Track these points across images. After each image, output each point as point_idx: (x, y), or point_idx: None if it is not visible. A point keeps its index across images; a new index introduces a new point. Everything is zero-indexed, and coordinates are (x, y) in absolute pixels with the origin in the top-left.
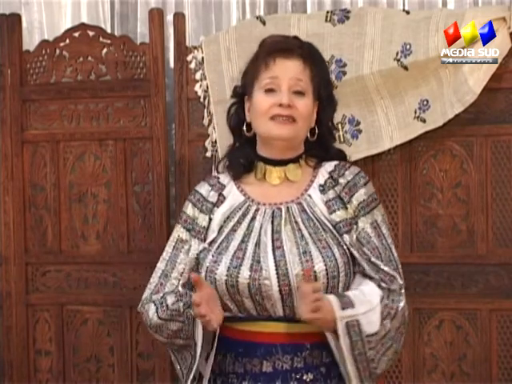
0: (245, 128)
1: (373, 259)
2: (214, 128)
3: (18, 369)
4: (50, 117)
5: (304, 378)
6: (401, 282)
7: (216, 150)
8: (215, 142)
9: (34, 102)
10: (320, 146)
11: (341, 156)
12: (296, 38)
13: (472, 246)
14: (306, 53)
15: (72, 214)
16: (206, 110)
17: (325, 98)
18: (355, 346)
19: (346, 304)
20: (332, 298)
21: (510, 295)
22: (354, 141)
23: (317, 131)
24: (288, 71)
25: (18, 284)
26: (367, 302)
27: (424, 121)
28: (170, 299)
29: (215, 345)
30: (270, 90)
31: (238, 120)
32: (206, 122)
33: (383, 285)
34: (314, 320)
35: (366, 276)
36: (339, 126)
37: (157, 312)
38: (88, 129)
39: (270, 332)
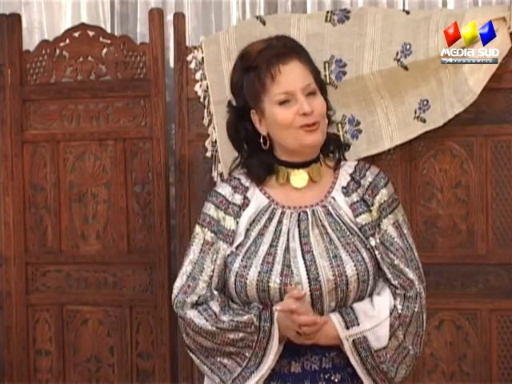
0: (262, 141)
1: (396, 261)
2: (213, 128)
3: (18, 369)
4: (49, 117)
5: (332, 378)
6: (417, 289)
7: (216, 150)
8: (215, 141)
9: (33, 102)
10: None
11: (340, 143)
12: (277, 38)
13: (472, 246)
14: (293, 48)
15: (72, 214)
16: (206, 110)
17: (320, 85)
18: (366, 361)
19: (351, 322)
20: (334, 317)
21: (510, 295)
22: (354, 141)
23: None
24: (296, 80)
25: (18, 284)
26: (375, 317)
27: (424, 121)
28: (227, 308)
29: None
30: (284, 102)
31: (245, 134)
32: (205, 121)
33: (399, 291)
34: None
35: (386, 281)
36: (339, 125)
37: (208, 320)
38: (88, 129)
39: None
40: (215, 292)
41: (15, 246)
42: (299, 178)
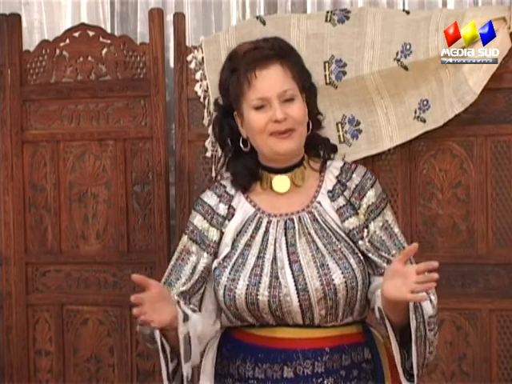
0: (242, 144)
1: (392, 260)
2: None
3: (18, 369)
4: (49, 117)
5: (325, 382)
6: None
7: (216, 150)
8: (215, 141)
9: (33, 102)
10: (310, 136)
11: (328, 146)
12: (266, 39)
13: (472, 246)
14: (279, 52)
15: (72, 214)
16: (205, 110)
17: (307, 88)
18: (418, 328)
19: None
20: None
21: (510, 295)
22: (354, 141)
23: (311, 126)
24: (273, 86)
25: (18, 284)
26: None
27: (424, 121)
28: None
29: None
30: (260, 107)
31: (231, 134)
32: (206, 122)
33: None
34: (411, 299)
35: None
36: (339, 125)
37: None
38: (88, 129)
39: (290, 338)
40: (176, 297)
41: (15, 246)
42: (282, 183)
